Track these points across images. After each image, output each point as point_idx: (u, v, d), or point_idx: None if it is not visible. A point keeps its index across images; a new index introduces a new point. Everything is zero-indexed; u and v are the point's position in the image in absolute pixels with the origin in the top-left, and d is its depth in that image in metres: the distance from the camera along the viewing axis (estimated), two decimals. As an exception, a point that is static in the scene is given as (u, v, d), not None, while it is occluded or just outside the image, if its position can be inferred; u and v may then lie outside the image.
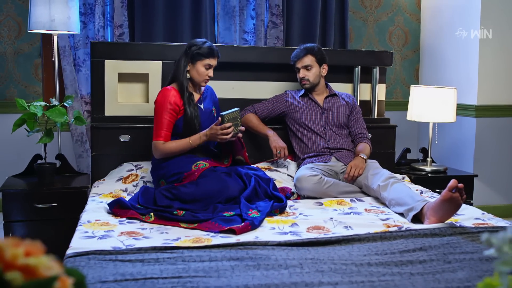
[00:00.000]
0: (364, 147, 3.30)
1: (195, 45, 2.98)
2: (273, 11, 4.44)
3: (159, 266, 1.89)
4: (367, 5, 4.83)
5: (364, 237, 2.22)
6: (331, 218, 2.55)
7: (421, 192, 3.14)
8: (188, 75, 2.99)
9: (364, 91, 3.83)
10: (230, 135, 2.83)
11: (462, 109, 4.26)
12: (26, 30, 4.15)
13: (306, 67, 3.36)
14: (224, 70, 3.62)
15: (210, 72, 3.00)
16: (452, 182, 2.36)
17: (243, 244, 2.13)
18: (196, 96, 3.06)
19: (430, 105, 3.61)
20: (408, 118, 3.76)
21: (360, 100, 3.78)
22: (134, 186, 3.09)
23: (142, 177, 3.15)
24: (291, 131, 3.46)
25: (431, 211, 2.46)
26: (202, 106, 3.05)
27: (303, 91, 3.45)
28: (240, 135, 2.95)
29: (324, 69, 3.42)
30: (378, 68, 3.78)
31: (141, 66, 3.44)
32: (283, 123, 3.54)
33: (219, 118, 2.81)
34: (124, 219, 2.54)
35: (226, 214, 2.51)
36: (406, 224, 2.49)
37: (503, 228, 2.40)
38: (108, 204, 2.64)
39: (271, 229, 2.39)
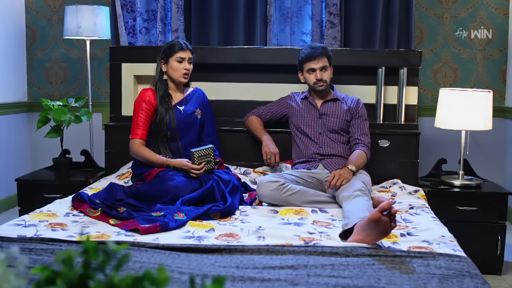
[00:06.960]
0: (357, 157, 2.99)
1: (165, 45, 3.04)
2: (331, 10, 4.25)
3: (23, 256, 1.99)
4: (443, 1, 4.36)
5: (247, 248, 2.06)
6: (259, 227, 2.39)
7: (411, 207, 2.78)
8: (165, 76, 3.05)
9: (392, 94, 3.48)
10: (201, 171, 2.84)
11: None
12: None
13: (323, 68, 3.16)
14: (238, 72, 3.59)
15: (186, 65, 3.03)
16: (385, 203, 2.04)
17: (131, 244, 2.13)
18: (178, 98, 3.10)
19: (458, 110, 3.14)
20: (435, 125, 3.32)
21: (385, 104, 3.45)
22: (125, 183, 3.23)
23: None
24: (291, 134, 3.29)
25: (358, 228, 2.17)
26: (182, 107, 3.07)
27: (305, 94, 3.26)
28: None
29: (331, 71, 3.21)
30: (405, 69, 3.41)
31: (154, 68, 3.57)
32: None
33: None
34: (74, 212, 2.69)
35: (154, 214, 2.51)
36: (327, 240, 2.23)
37: (432, 255, 2.02)
38: (72, 197, 2.82)
39: (184, 233, 2.34)
